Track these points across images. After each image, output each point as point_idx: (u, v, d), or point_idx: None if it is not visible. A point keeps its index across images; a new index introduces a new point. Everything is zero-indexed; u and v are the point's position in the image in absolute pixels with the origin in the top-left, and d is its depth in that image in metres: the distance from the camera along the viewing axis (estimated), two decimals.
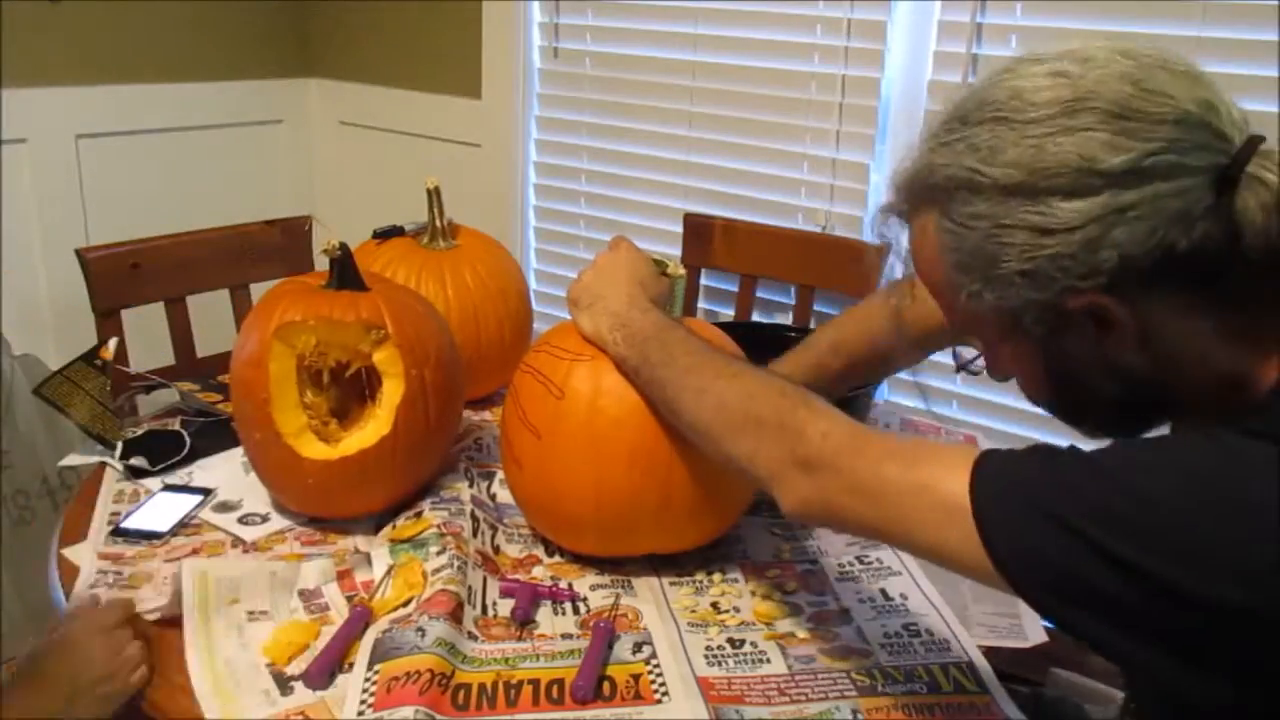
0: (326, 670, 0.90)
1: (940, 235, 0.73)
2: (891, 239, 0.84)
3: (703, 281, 2.04)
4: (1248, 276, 0.66)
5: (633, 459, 1.03)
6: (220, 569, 1.02)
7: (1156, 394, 0.72)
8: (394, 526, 1.14)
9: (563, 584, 1.08)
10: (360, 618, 0.97)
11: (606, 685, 0.91)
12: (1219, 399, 0.70)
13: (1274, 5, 1.44)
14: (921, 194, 0.75)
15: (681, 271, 1.12)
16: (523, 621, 1.00)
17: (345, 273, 1.18)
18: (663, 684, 0.92)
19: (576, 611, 1.03)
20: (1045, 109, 0.67)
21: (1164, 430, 0.78)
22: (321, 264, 1.20)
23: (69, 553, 1.10)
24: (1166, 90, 0.66)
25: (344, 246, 1.18)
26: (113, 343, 1.36)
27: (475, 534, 1.12)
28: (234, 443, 1.26)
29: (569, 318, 1.13)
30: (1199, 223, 0.64)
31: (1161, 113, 0.65)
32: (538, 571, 1.11)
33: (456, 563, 1.03)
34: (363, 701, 0.86)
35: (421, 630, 0.93)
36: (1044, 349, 0.73)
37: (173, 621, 0.96)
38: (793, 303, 1.92)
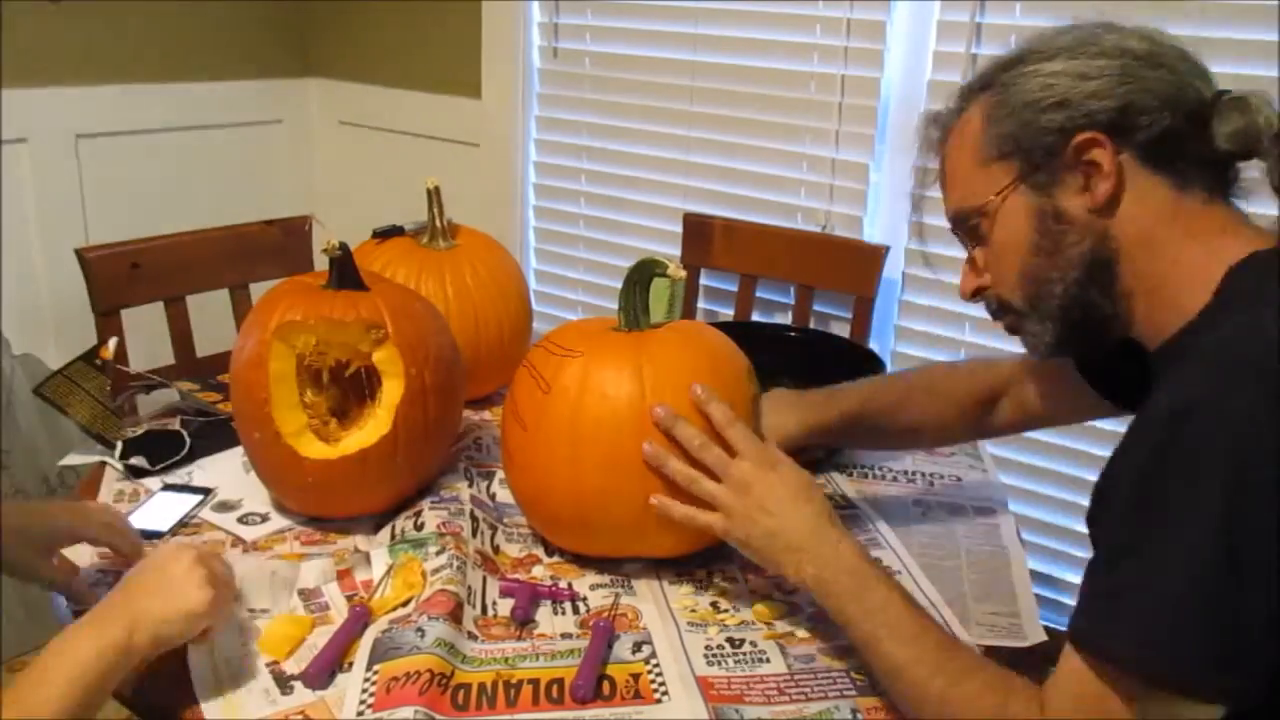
0: (326, 670, 0.90)
1: (986, 107, 0.89)
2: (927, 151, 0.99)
3: (702, 281, 2.04)
4: (1201, 172, 0.85)
5: (612, 460, 1.03)
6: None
7: (1111, 271, 0.86)
8: (394, 527, 1.14)
9: (562, 584, 1.08)
10: (359, 618, 0.97)
11: (606, 685, 0.91)
12: (1166, 304, 0.84)
13: (1274, 5, 1.44)
14: (976, 88, 0.92)
15: (682, 273, 1.12)
16: (522, 621, 1.00)
17: (345, 272, 1.18)
18: (662, 684, 0.92)
19: (576, 611, 1.04)
20: (1090, 24, 0.89)
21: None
22: (321, 264, 1.20)
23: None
24: (1172, 39, 0.88)
25: (344, 246, 1.18)
26: (113, 342, 1.36)
27: (475, 534, 1.12)
28: (234, 442, 1.26)
29: (569, 317, 1.13)
30: (1181, 115, 0.84)
31: (1171, 44, 0.87)
32: (537, 571, 1.11)
33: (456, 563, 1.03)
34: (362, 702, 0.86)
35: (421, 630, 0.93)
36: (1038, 196, 0.87)
37: None
38: (792, 302, 1.92)
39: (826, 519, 0.95)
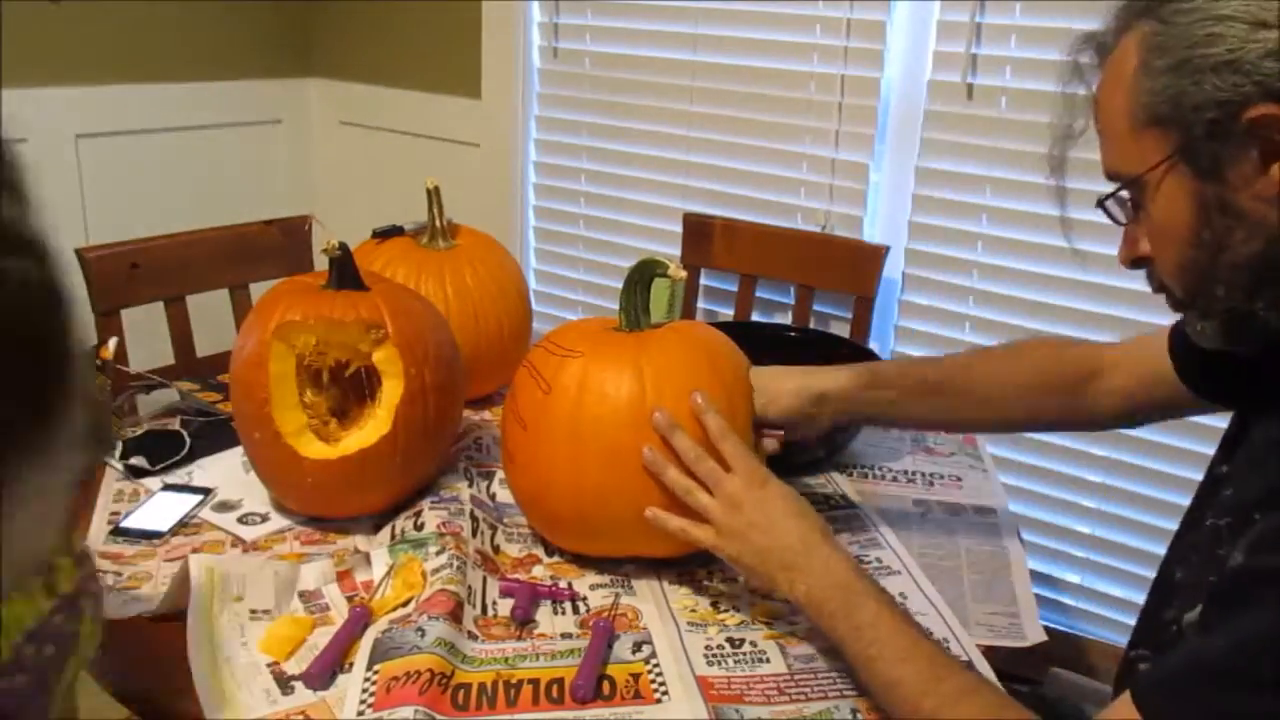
0: (326, 670, 0.90)
1: (1143, 47, 0.74)
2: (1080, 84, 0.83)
3: (702, 281, 2.04)
4: None
5: (612, 460, 1.03)
6: (226, 565, 1.02)
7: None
8: (394, 527, 1.14)
9: (562, 584, 1.08)
10: (360, 618, 0.97)
11: (606, 685, 0.91)
12: None
13: (1274, 5, 1.44)
14: (1133, 13, 0.76)
15: (682, 273, 1.12)
16: (522, 621, 1.00)
17: (345, 272, 1.18)
18: (662, 683, 0.92)
19: (576, 611, 1.04)
20: None
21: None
22: (321, 264, 1.20)
23: None
24: None
25: (344, 246, 1.18)
26: (113, 343, 1.36)
27: (475, 534, 1.12)
28: (234, 442, 1.26)
29: (569, 317, 1.13)
30: None
31: None
32: (537, 571, 1.11)
33: (456, 562, 1.03)
34: (362, 701, 0.86)
35: (421, 630, 0.93)
36: (1199, 179, 0.73)
37: (173, 617, 0.96)
38: (792, 302, 1.92)
39: (818, 535, 0.94)
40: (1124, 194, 0.79)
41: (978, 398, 1.12)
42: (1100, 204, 0.81)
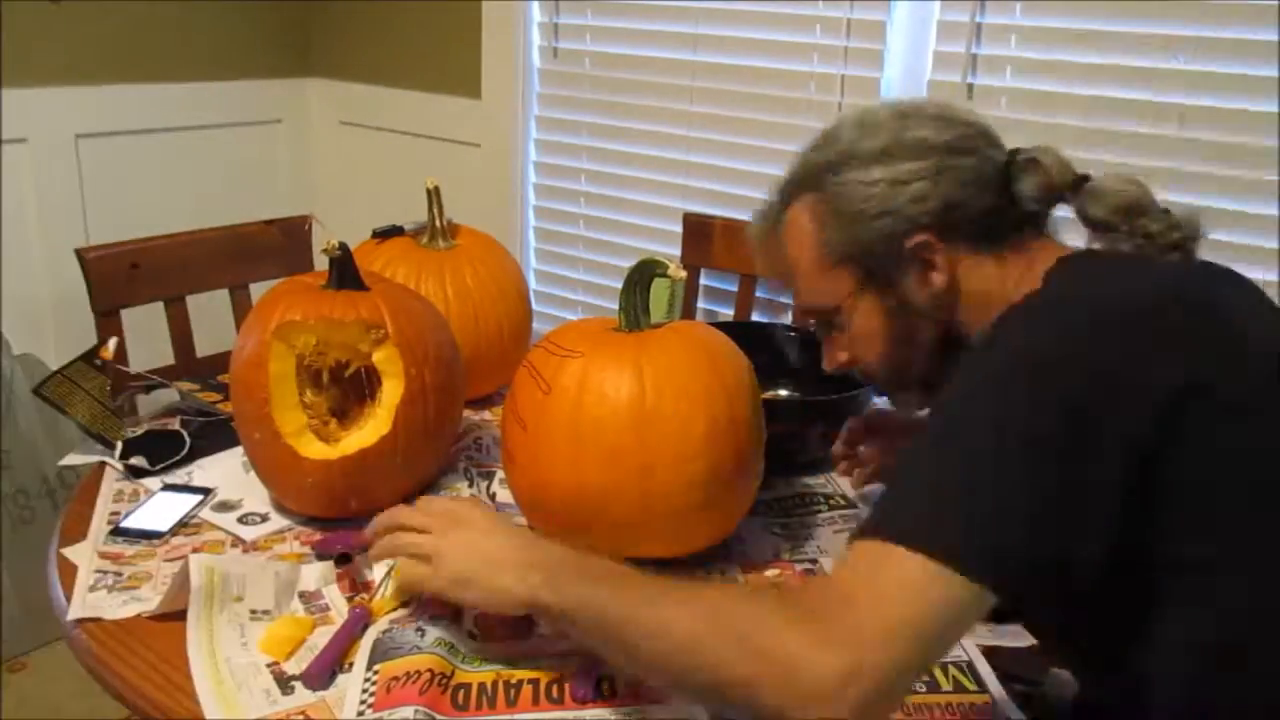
0: (326, 670, 0.90)
1: (816, 208, 0.98)
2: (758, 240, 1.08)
3: (702, 281, 2.04)
4: (1017, 230, 0.95)
5: (612, 460, 1.03)
6: (226, 565, 1.02)
7: (957, 339, 0.96)
8: None
9: None
10: (359, 619, 0.97)
11: (606, 685, 0.91)
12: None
13: (1274, 5, 1.44)
14: (798, 188, 1.00)
15: (682, 273, 1.12)
16: (524, 623, 1.00)
17: (345, 272, 1.18)
18: None
19: None
20: (889, 117, 0.97)
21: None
22: (321, 264, 1.20)
23: (69, 552, 1.10)
24: (965, 113, 0.99)
25: (344, 246, 1.18)
26: (112, 342, 1.36)
27: None
28: (234, 442, 1.26)
29: (569, 317, 1.13)
30: (990, 190, 0.94)
31: (965, 119, 0.98)
32: None
33: None
34: (362, 702, 0.86)
35: (421, 630, 0.93)
36: (883, 295, 0.97)
37: (173, 617, 0.97)
38: (792, 303, 1.92)
39: (530, 533, 0.98)
40: (827, 317, 1.01)
41: None
42: (807, 317, 1.06)
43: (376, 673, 0.89)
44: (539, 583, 0.85)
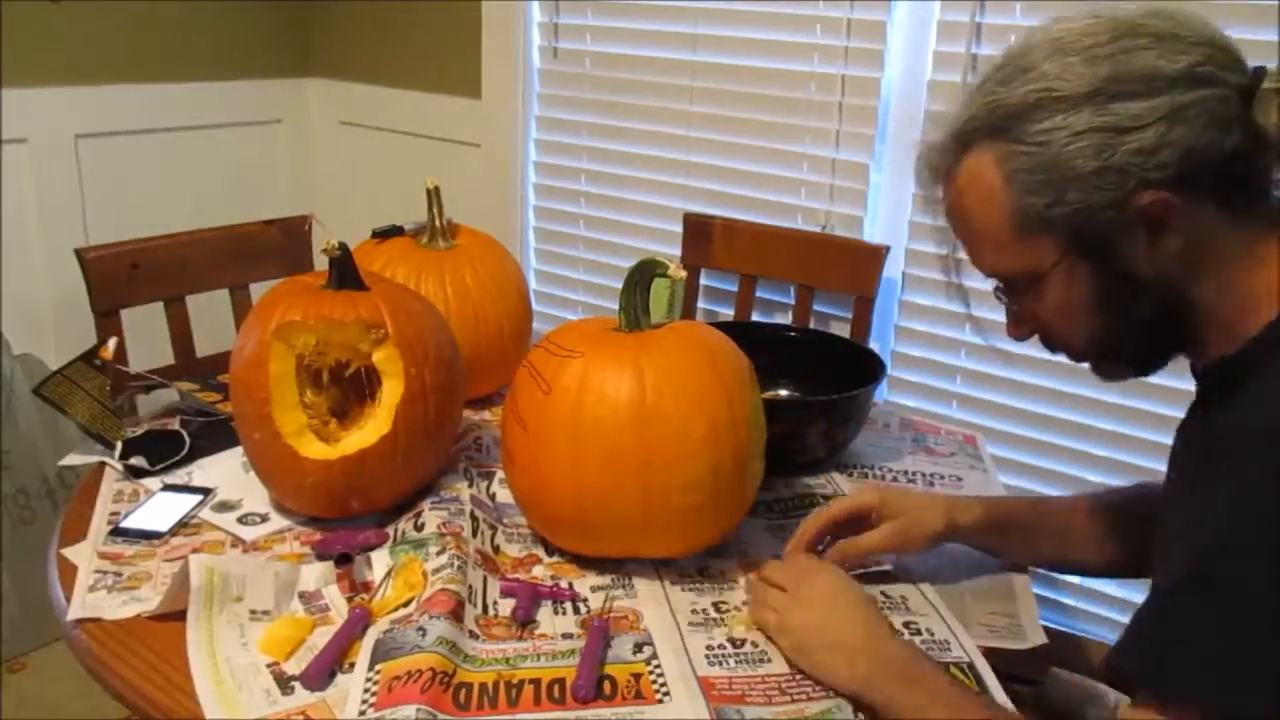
0: (325, 671, 0.90)
1: (1006, 164, 0.80)
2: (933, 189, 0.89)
3: (702, 281, 2.04)
4: (1267, 187, 0.78)
5: (612, 460, 1.03)
6: (226, 565, 1.02)
7: (1181, 314, 0.81)
8: (394, 528, 1.14)
9: (563, 584, 1.08)
10: (359, 620, 0.97)
11: (607, 685, 0.91)
12: (1227, 325, 0.79)
13: (1274, 5, 1.44)
14: (981, 132, 0.82)
15: (682, 273, 1.12)
16: (524, 622, 1.00)
17: (345, 272, 1.18)
18: (664, 684, 0.92)
19: (577, 611, 1.03)
20: (1101, 37, 0.77)
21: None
22: (321, 264, 1.20)
23: (69, 552, 1.10)
24: (1193, 21, 0.78)
25: (344, 246, 1.18)
26: (112, 342, 1.36)
27: (475, 534, 1.12)
28: (234, 443, 1.26)
29: (569, 317, 1.13)
30: (1234, 128, 0.75)
31: (1197, 36, 0.77)
32: (538, 571, 1.11)
33: (456, 562, 1.03)
34: (364, 701, 0.86)
35: (422, 630, 0.93)
36: (1097, 264, 0.80)
37: (173, 617, 0.96)
38: (792, 303, 1.92)
39: (876, 613, 0.96)
40: (1019, 285, 0.86)
41: (1094, 539, 1.11)
42: (998, 292, 0.90)
43: (378, 672, 0.89)
44: (862, 674, 0.89)
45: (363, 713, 0.85)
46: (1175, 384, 1.59)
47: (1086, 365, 0.90)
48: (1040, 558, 1.16)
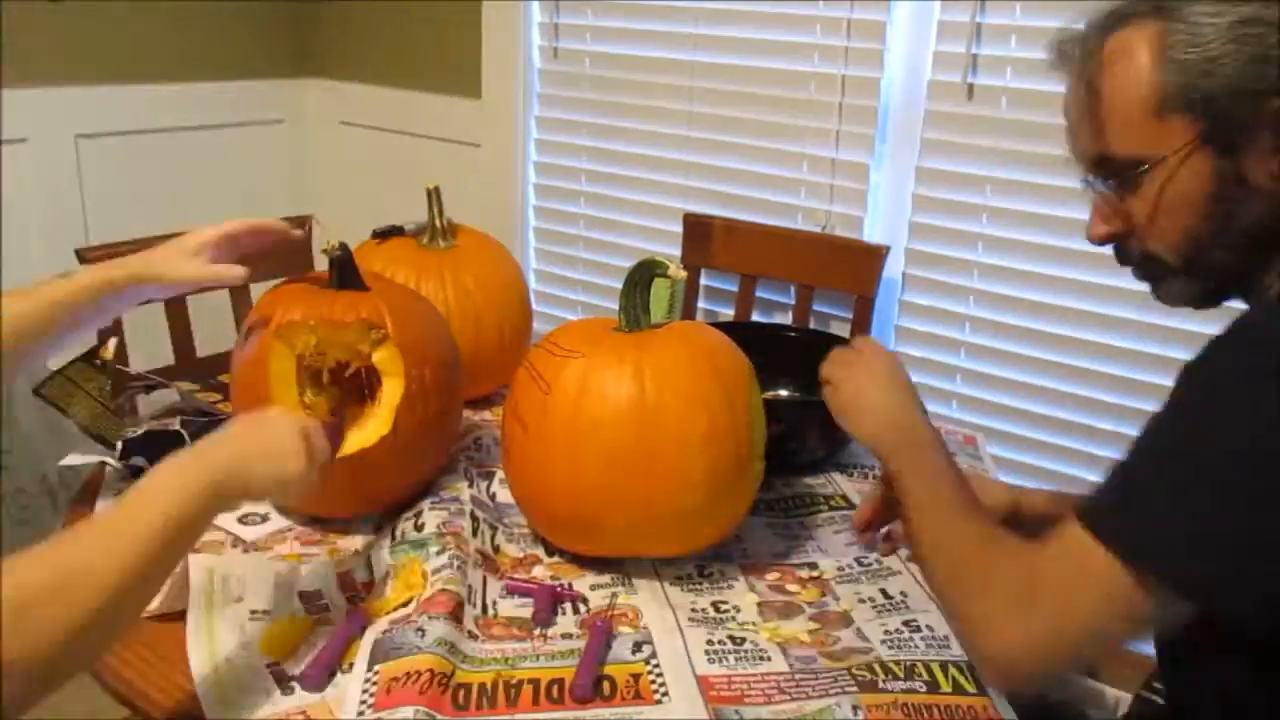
0: (322, 672, 0.90)
1: (1160, 40, 0.80)
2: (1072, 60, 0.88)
3: (703, 281, 2.04)
4: None
5: (611, 461, 1.03)
6: (226, 566, 1.02)
7: (1272, 253, 0.82)
8: (394, 529, 1.14)
9: (562, 584, 1.08)
10: (357, 621, 0.97)
11: (606, 685, 0.91)
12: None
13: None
14: (1145, 7, 0.82)
15: (682, 273, 1.12)
16: (545, 625, 1.00)
17: (345, 273, 1.18)
18: (663, 684, 0.92)
19: (577, 611, 1.04)
20: None
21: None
22: (321, 264, 1.20)
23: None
24: None
25: (344, 246, 1.18)
26: (112, 343, 1.36)
27: (475, 534, 1.12)
28: None
29: (569, 317, 1.13)
30: None
31: None
32: (538, 571, 1.11)
33: (456, 562, 1.03)
34: (363, 702, 0.86)
35: (421, 630, 0.93)
36: (1219, 157, 0.80)
37: (172, 617, 0.96)
38: (792, 303, 1.92)
39: (917, 400, 1.04)
40: (1131, 171, 0.84)
41: None
42: (1091, 169, 0.88)
43: (377, 673, 0.89)
44: (887, 441, 1.01)
45: (361, 714, 0.85)
46: None
47: (1147, 287, 0.91)
48: None
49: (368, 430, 1.13)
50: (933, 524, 0.93)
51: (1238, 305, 0.85)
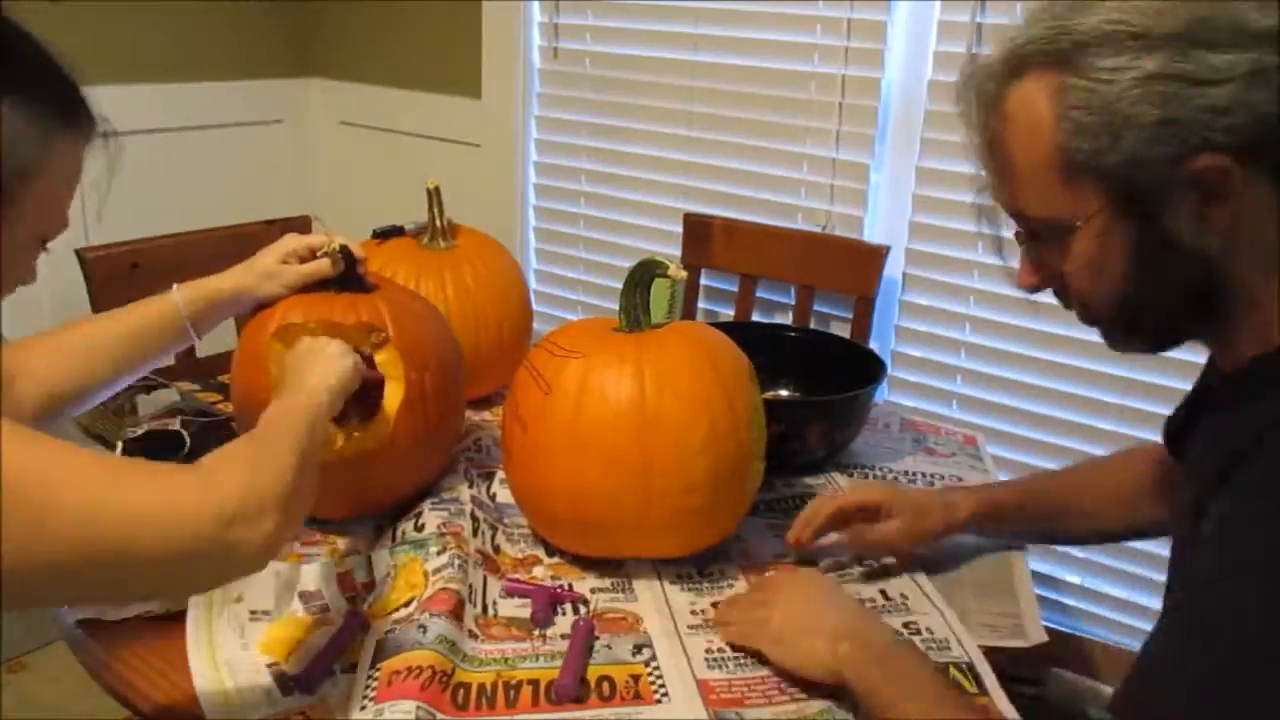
0: (321, 674, 0.90)
1: (1061, 98, 0.73)
2: (972, 114, 0.82)
3: (703, 281, 2.04)
4: None
5: (611, 461, 1.03)
6: None
7: (1215, 295, 0.75)
8: (394, 529, 1.14)
9: (563, 584, 1.08)
10: (357, 621, 0.97)
11: (606, 685, 0.91)
12: (1268, 319, 0.74)
13: (1273, 5, 1.44)
14: (1040, 58, 0.75)
15: (683, 273, 1.12)
16: (544, 625, 1.00)
17: (347, 274, 1.18)
18: (662, 685, 0.92)
19: (576, 612, 1.04)
20: None
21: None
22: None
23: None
24: None
25: (344, 248, 1.17)
26: None
27: (475, 534, 1.12)
28: None
29: (569, 317, 1.13)
30: None
31: None
32: (538, 571, 1.11)
33: (457, 561, 1.03)
34: (365, 697, 0.86)
35: (423, 627, 0.93)
36: (1138, 223, 0.73)
37: (172, 617, 0.96)
38: (792, 303, 1.92)
39: (858, 603, 0.98)
40: (1045, 232, 0.79)
41: (1084, 513, 1.14)
42: (1013, 217, 0.82)
43: (379, 669, 0.89)
44: (845, 655, 0.88)
45: (363, 707, 0.85)
46: (1177, 384, 1.59)
47: (1097, 331, 0.85)
48: (1036, 538, 1.21)
49: (368, 432, 1.13)
50: None
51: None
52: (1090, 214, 0.75)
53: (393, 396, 1.13)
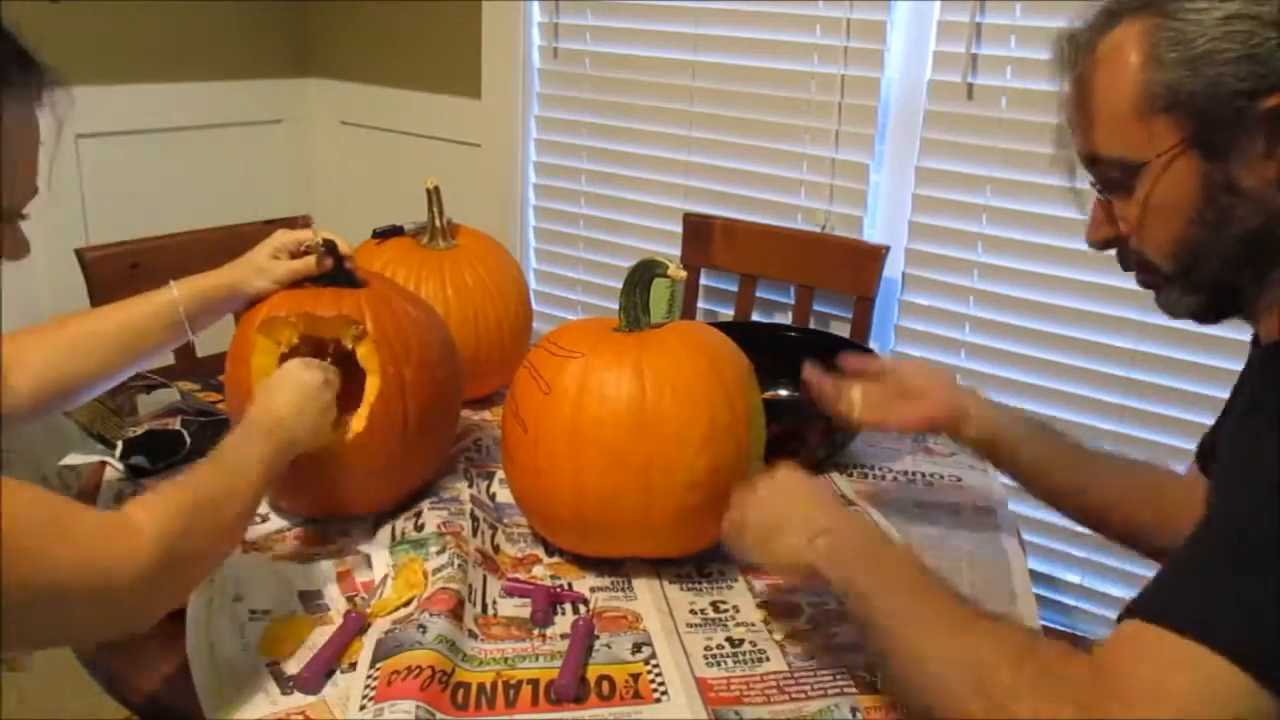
0: (320, 674, 0.90)
1: (1149, 38, 0.77)
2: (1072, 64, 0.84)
3: (702, 281, 2.04)
4: None
5: (612, 460, 1.03)
6: (226, 566, 1.02)
7: (1267, 253, 0.77)
8: (394, 528, 1.14)
9: (563, 584, 1.08)
10: (357, 622, 0.97)
11: (606, 685, 0.91)
12: None
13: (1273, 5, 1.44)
14: (1132, 5, 0.79)
15: (682, 273, 1.12)
16: (543, 625, 1.00)
17: (335, 269, 1.18)
18: (662, 684, 0.92)
19: (576, 611, 1.04)
20: None
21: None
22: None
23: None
24: None
25: (329, 243, 1.18)
26: None
27: (475, 533, 1.12)
28: None
29: (569, 317, 1.12)
30: None
31: None
32: (538, 571, 1.11)
33: (457, 561, 1.03)
34: (364, 696, 0.86)
35: (423, 627, 0.93)
36: (1206, 161, 0.76)
37: (173, 617, 0.96)
38: (792, 303, 1.92)
39: (838, 499, 0.95)
40: (1118, 173, 0.81)
41: (1087, 488, 1.12)
42: (1088, 168, 0.85)
43: (379, 669, 0.89)
44: (823, 549, 0.87)
45: (363, 707, 0.85)
46: (1177, 384, 1.59)
47: (1152, 293, 0.86)
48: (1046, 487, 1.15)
49: (344, 424, 1.12)
50: (923, 634, 0.77)
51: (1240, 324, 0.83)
52: (1163, 150, 0.77)
53: (371, 390, 1.13)
